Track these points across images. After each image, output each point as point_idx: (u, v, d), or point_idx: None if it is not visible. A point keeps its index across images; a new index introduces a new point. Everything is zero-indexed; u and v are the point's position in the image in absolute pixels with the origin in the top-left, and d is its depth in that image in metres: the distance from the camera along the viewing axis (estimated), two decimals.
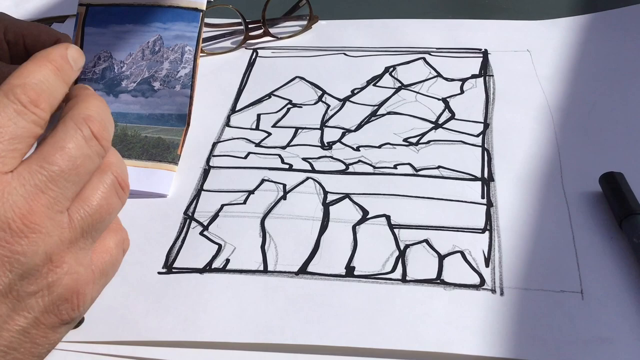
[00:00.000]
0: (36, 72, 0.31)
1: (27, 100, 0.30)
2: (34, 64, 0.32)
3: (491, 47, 0.63)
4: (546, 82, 0.58)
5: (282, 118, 0.57)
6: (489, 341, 0.38)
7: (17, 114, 0.29)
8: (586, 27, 0.65)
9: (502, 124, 0.54)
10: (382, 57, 0.63)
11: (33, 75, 0.31)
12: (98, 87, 0.56)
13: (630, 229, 0.43)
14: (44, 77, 0.31)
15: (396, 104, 0.57)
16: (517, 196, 0.48)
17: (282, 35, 0.67)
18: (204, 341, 0.39)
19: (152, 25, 0.56)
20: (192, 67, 0.55)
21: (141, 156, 0.52)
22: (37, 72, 0.31)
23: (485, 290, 0.41)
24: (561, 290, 0.41)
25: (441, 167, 0.51)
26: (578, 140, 0.52)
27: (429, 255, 0.44)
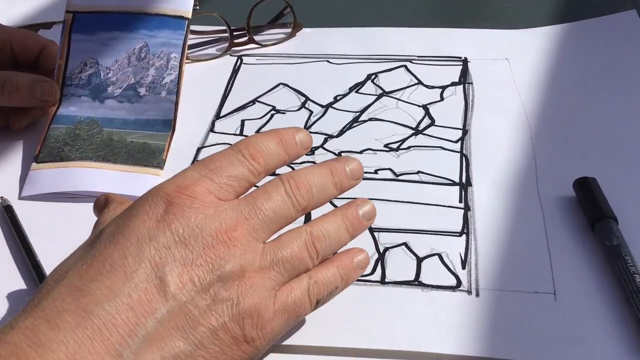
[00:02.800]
0: (262, 139, 0.38)
1: (247, 153, 0.37)
2: (264, 134, 0.39)
3: (471, 56, 0.65)
4: (524, 89, 0.60)
5: (266, 124, 0.58)
6: (465, 341, 0.39)
7: (237, 161, 0.37)
8: (563, 37, 0.67)
9: (481, 130, 0.56)
10: (365, 64, 0.65)
11: (258, 140, 0.38)
12: (84, 92, 0.57)
13: (602, 233, 0.44)
14: (266, 143, 0.38)
15: (378, 110, 0.59)
16: (494, 200, 0.49)
17: (267, 43, 0.68)
18: None
19: (138, 32, 0.57)
20: (178, 74, 0.56)
21: (127, 161, 0.53)
22: (263, 139, 0.38)
23: (461, 291, 0.42)
24: (535, 291, 0.42)
25: (421, 172, 0.52)
26: (553, 146, 0.53)
27: (408, 257, 0.45)
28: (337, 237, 0.39)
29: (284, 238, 0.37)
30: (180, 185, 0.35)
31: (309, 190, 0.38)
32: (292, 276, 0.37)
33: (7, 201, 0.50)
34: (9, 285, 0.45)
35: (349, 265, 0.39)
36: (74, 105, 0.56)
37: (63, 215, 0.50)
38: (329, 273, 0.38)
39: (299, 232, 0.37)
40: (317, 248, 0.37)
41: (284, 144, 0.39)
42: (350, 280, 0.39)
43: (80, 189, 0.51)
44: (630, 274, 0.41)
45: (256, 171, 0.37)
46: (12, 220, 0.48)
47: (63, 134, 0.55)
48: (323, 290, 0.38)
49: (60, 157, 0.53)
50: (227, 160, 0.37)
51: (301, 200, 0.37)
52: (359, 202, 0.40)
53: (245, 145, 0.38)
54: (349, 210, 0.40)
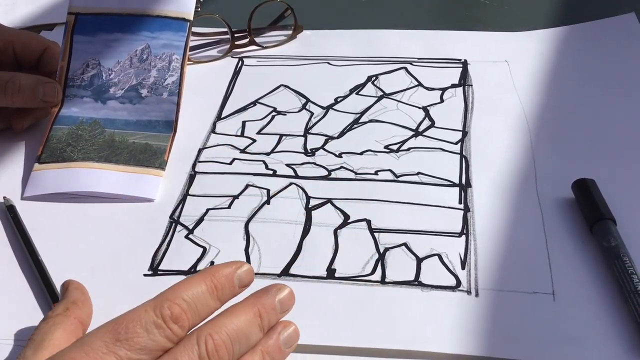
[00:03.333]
0: (192, 287, 0.34)
1: (169, 315, 0.32)
2: (194, 279, 0.34)
3: (470, 58, 0.65)
4: (523, 91, 0.60)
5: (266, 125, 0.58)
6: (464, 340, 0.40)
7: (155, 327, 0.32)
8: (562, 39, 0.67)
9: (480, 132, 0.56)
10: (365, 66, 0.65)
11: (186, 290, 0.34)
12: (86, 93, 0.57)
13: (600, 234, 0.45)
14: (197, 294, 0.34)
15: (378, 112, 0.59)
16: (493, 202, 0.49)
17: (268, 45, 0.69)
18: None
19: (140, 34, 0.58)
20: (179, 75, 0.57)
21: (129, 161, 0.53)
22: (193, 287, 0.34)
23: (461, 291, 0.43)
24: (534, 291, 0.43)
25: (421, 173, 0.52)
26: (552, 148, 0.54)
27: (408, 258, 0.45)
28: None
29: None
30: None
31: (230, 350, 0.33)
32: None
33: (10, 201, 0.51)
34: (11, 284, 0.45)
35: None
36: (76, 106, 0.57)
37: (65, 215, 0.50)
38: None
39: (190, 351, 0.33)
40: None
41: (219, 290, 0.35)
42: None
43: (83, 190, 0.51)
44: (628, 274, 0.41)
45: (176, 337, 0.33)
46: (15, 220, 0.49)
47: (65, 134, 0.55)
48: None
49: (62, 157, 0.53)
50: (141, 326, 0.32)
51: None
52: (280, 329, 0.36)
53: (169, 302, 0.33)
54: (269, 342, 0.36)
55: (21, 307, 0.43)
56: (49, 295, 0.43)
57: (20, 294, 0.44)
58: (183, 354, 0.32)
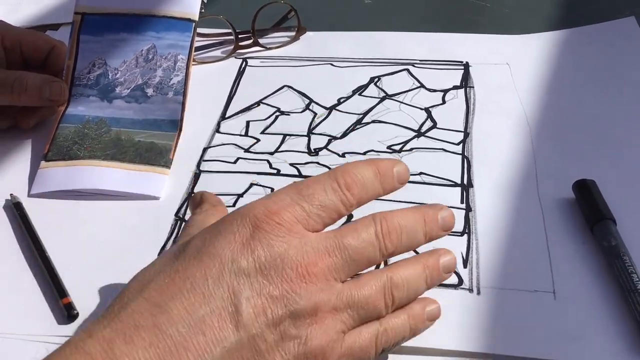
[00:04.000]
0: (360, 168, 0.37)
1: (343, 183, 0.36)
2: (363, 163, 0.38)
3: (472, 60, 0.66)
4: (524, 93, 0.61)
5: (270, 125, 0.59)
6: (466, 337, 0.40)
7: (332, 190, 0.36)
8: (563, 42, 0.68)
9: (482, 133, 0.57)
10: (368, 67, 0.66)
11: (357, 169, 0.37)
12: (92, 92, 0.58)
13: (600, 234, 0.45)
14: (364, 173, 0.37)
15: (380, 112, 0.60)
16: (495, 201, 0.50)
17: (271, 46, 0.69)
18: None
19: (146, 34, 0.58)
20: (185, 75, 0.57)
21: (135, 160, 0.53)
22: (361, 168, 0.37)
23: (463, 289, 0.43)
24: (535, 290, 0.43)
25: (423, 173, 0.53)
26: (553, 149, 0.54)
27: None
28: (416, 287, 0.37)
29: (363, 281, 0.36)
30: (269, 209, 0.34)
31: (399, 236, 0.37)
32: (364, 321, 0.36)
33: (17, 198, 0.51)
34: (19, 280, 0.45)
35: (419, 316, 0.38)
36: (83, 105, 0.57)
37: (71, 213, 0.51)
38: (400, 322, 0.37)
39: (379, 277, 0.36)
40: (394, 296, 0.36)
41: (382, 176, 0.38)
42: (418, 332, 0.38)
43: (89, 187, 0.52)
44: (628, 273, 0.42)
45: (348, 203, 0.36)
46: (22, 217, 0.49)
47: (72, 133, 0.56)
48: (391, 339, 0.36)
49: (69, 155, 0.54)
50: (321, 187, 0.36)
51: (389, 246, 0.36)
52: (442, 253, 0.39)
53: (342, 173, 0.37)
54: (430, 259, 0.38)
55: (28, 302, 0.44)
56: (55, 291, 0.44)
57: (28, 289, 0.45)
58: (361, 225, 0.36)
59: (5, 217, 0.50)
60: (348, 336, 0.35)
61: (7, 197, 0.52)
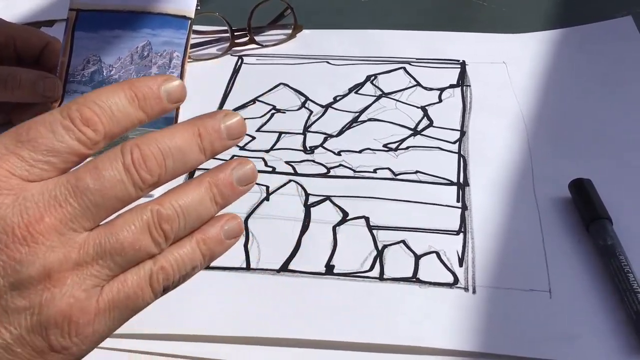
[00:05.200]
0: (108, 95, 0.30)
1: (79, 117, 0.29)
2: (111, 88, 0.30)
3: (469, 59, 0.66)
4: (521, 92, 0.61)
5: (266, 123, 0.59)
6: (461, 336, 0.40)
7: (62, 129, 0.29)
8: (560, 41, 0.68)
9: (478, 131, 0.56)
10: (364, 66, 0.65)
11: (102, 97, 0.30)
12: (86, 89, 0.57)
13: (596, 233, 0.45)
14: (114, 102, 0.30)
15: (377, 111, 0.59)
16: (491, 200, 0.50)
17: (267, 43, 0.69)
18: (187, 334, 0.41)
19: (141, 31, 0.58)
20: (180, 73, 0.57)
21: None
22: (109, 95, 0.30)
23: (458, 288, 0.43)
24: (530, 289, 0.43)
25: (419, 171, 0.53)
26: (549, 148, 0.54)
27: (406, 255, 0.46)
28: (197, 213, 0.31)
29: (118, 222, 0.29)
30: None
31: (161, 163, 0.30)
32: (128, 267, 0.30)
33: None
34: None
35: (214, 238, 0.31)
36: None
37: None
38: (184, 252, 0.31)
39: (140, 213, 0.29)
40: (165, 230, 0.30)
41: (140, 100, 0.31)
42: (215, 255, 0.32)
43: None
44: (624, 272, 0.42)
45: (90, 141, 0.29)
46: None
47: None
48: (172, 275, 0.31)
49: None
50: (47, 127, 0.29)
51: (146, 177, 0.29)
52: (234, 165, 0.32)
53: (78, 105, 0.29)
54: (219, 175, 0.31)
55: None
56: None
57: None
58: (104, 161, 0.29)
59: None
60: (108, 287, 0.29)
61: None
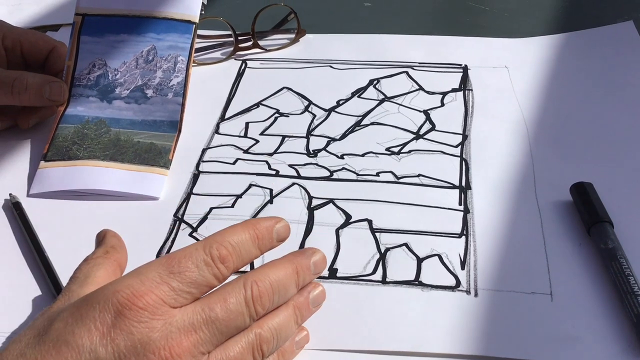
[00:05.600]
0: (237, 234, 0.36)
1: (217, 255, 0.35)
2: (238, 227, 0.37)
3: (471, 63, 0.66)
4: (522, 97, 0.61)
5: (269, 126, 0.59)
6: (464, 339, 0.40)
7: (204, 265, 0.34)
8: (561, 46, 0.68)
9: (480, 135, 0.57)
10: (367, 70, 0.66)
11: (232, 236, 0.36)
12: (92, 93, 0.58)
13: (598, 236, 0.46)
14: (241, 240, 0.36)
15: (379, 115, 0.60)
16: (493, 204, 0.50)
17: (271, 48, 0.69)
18: None
19: (146, 35, 0.58)
20: (184, 76, 0.58)
21: (134, 160, 0.54)
22: (238, 234, 0.36)
23: (460, 291, 0.44)
24: (532, 292, 0.43)
25: (421, 175, 0.53)
26: (551, 152, 0.55)
27: (408, 258, 0.46)
28: (286, 335, 0.37)
29: (230, 345, 0.34)
30: (134, 292, 0.33)
31: (271, 298, 0.36)
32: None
33: (16, 198, 0.51)
34: (17, 279, 0.45)
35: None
36: (82, 105, 0.57)
37: (70, 212, 0.51)
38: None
39: (246, 336, 0.35)
40: (263, 350, 0.35)
41: (260, 240, 0.37)
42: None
43: (88, 187, 0.52)
44: (624, 275, 0.42)
45: (222, 276, 0.35)
46: (21, 217, 0.49)
47: (71, 133, 0.56)
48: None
49: (68, 155, 0.54)
50: (193, 262, 0.34)
51: (260, 310, 0.35)
52: (310, 288, 0.39)
53: (217, 244, 0.35)
54: (300, 299, 0.38)
55: (27, 301, 0.44)
56: (54, 290, 0.44)
57: (26, 288, 0.45)
58: (231, 294, 0.34)
59: (4, 216, 0.50)
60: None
61: (6, 197, 0.52)
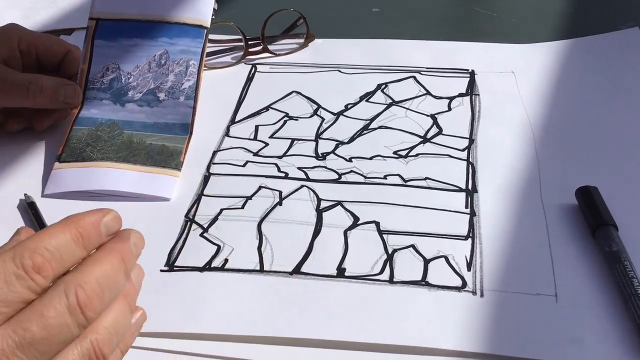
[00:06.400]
0: (56, 237, 0.31)
1: (30, 265, 0.29)
2: (57, 227, 0.31)
3: (478, 68, 0.67)
4: (528, 101, 0.62)
5: (279, 129, 0.60)
6: (470, 337, 0.41)
7: (15, 278, 0.29)
8: (567, 52, 0.69)
9: (486, 139, 0.58)
10: (375, 74, 0.67)
11: (50, 240, 0.31)
12: (105, 96, 0.59)
13: (602, 239, 0.46)
14: (61, 243, 0.31)
15: (387, 119, 0.61)
16: (499, 207, 0.51)
17: (280, 52, 0.70)
18: (203, 333, 0.42)
19: (159, 39, 0.60)
20: (196, 80, 0.59)
21: (146, 162, 0.55)
22: (56, 236, 0.31)
23: (466, 292, 0.44)
24: (537, 293, 0.44)
25: (428, 178, 0.54)
26: (557, 156, 0.55)
27: (415, 259, 0.47)
28: (124, 326, 0.34)
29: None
30: None
31: (102, 298, 0.31)
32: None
33: (31, 198, 0.52)
34: None
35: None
36: (96, 108, 0.59)
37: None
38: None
39: (79, 347, 0.30)
40: (105, 353, 0.31)
41: (85, 239, 0.32)
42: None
43: (101, 188, 0.53)
44: (628, 278, 0.43)
45: (39, 288, 0.30)
46: (36, 216, 0.50)
47: (85, 135, 0.57)
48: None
49: (82, 157, 0.55)
50: (2, 277, 0.29)
51: (92, 316, 0.30)
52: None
53: (30, 252, 0.30)
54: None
55: None
56: None
57: None
58: (49, 306, 0.29)
59: (19, 216, 0.52)
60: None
61: (22, 197, 0.53)
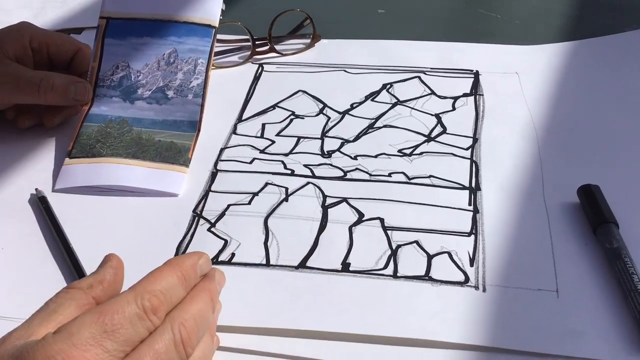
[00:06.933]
0: (166, 279, 0.35)
1: (149, 307, 0.33)
2: (166, 270, 0.36)
3: (482, 69, 0.68)
4: (532, 102, 0.63)
5: (285, 128, 0.61)
6: (471, 331, 0.42)
7: (138, 319, 0.33)
8: (571, 53, 0.70)
9: (490, 139, 0.58)
10: (380, 74, 0.68)
11: (162, 282, 0.35)
12: (115, 93, 0.60)
13: (603, 236, 0.47)
14: (171, 285, 0.35)
15: (392, 118, 0.62)
16: (502, 204, 0.52)
17: (287, 52, 0.71)
18: None
19: (168, 38, 0.61)
20: (204, 79, 0.60)
21: (155, 158, 0.56)
22: (167, 278, 0.35)
23: (469, 287, 0.45)
24: (538, 288, 0.45)
25: (432, 176, 0.55)
26: (559, 155, 0.56)
27: (419, 254, 0.47)
28: (210, 353, 0.38)
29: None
30: (65, 352, 0.30)
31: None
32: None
33: (42, 193, 0.53)
34: (44, 270, 0.47)
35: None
36: (106, 105, 0.60)
37: (93, 207, 0.53)
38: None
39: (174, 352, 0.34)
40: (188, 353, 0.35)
41: (186, 281, 0.36)
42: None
43: (111, 183, 0.54)
44: (629, 274, 0.43)
45: (153, 327, 0.34)
46: (47, 210, 0.51)
47: (95, 131, 0.58)
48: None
49: (92, 153, 0.56)
50: (126, 318, 0.32)
51: (190, 352, 0.34)
52: (217, 275, 0.39)
53: (149, 295, 0.34)
54: (213, 290, 0.38)
55: (53, 292, 0.46)
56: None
57: (53, 280, 0.47)
58: (160, 343, 0.33)
59: (30, 210, 0.53)
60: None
61: (33, 192, 0.54)
